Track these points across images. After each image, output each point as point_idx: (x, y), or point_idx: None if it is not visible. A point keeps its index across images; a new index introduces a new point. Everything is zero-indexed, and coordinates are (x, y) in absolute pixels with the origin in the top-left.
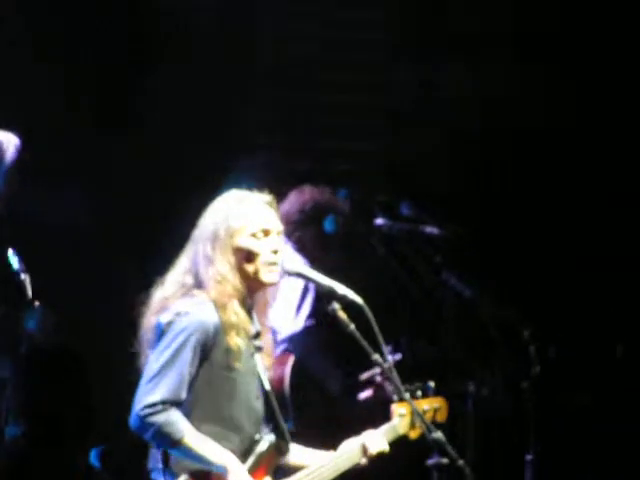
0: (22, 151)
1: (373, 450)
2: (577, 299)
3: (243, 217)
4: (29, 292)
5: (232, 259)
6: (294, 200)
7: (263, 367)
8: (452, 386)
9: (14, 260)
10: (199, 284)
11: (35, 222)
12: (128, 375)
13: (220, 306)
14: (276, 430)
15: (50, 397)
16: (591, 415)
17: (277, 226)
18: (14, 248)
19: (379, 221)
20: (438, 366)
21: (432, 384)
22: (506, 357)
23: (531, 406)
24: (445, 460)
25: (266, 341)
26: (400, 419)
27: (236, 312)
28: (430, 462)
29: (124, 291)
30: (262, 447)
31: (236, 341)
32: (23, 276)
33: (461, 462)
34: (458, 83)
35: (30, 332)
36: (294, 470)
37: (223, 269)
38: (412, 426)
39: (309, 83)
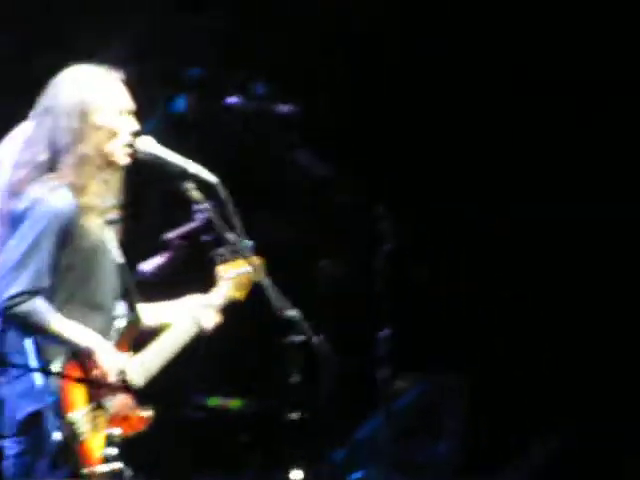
0: None
1: (208, 325)
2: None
3: (108, 92)
4: None
5: (94, 137)
6: None
7: (116, 240)
8: (304, 264)
9: None
10: (54, 164)
11: None
12: None
13: (78, 188)
14: (131, 304)
15: None
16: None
17: (133, 106)
18: None
19: (233, 100)
20: (293, 246)
21: (250, 243)
22: (359, 234)
23: (383, 282)
24: (301, 338)
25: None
26: (227, 283)
27: (95, 193)
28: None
29: None
30: (121, 323)
31: (94, 222)
32: None
33: (316, 338)
34: None
35: None
36: (149, 333)
37: (87, 149)
38: (238, 288)
39: None
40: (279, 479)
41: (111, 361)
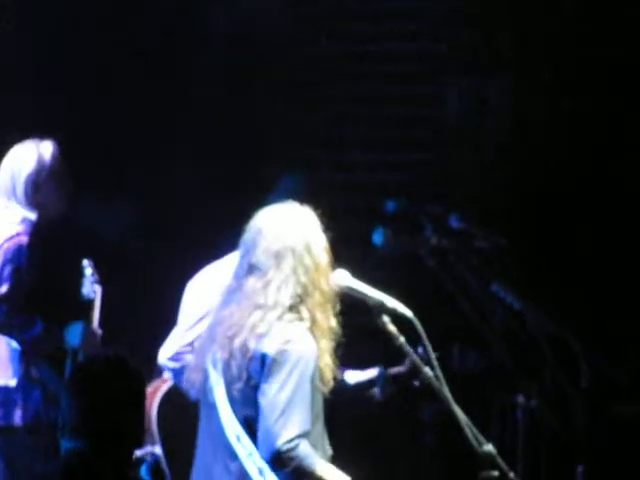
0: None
1: None
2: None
3: (319, 232)
4: (96, 304)
5: (325, 277)
6: None
7: None
8: (501, 398)
9: (88, 271)
10: (295, 305)
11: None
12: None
13: (319, 331)
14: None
15: (109, 411)
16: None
17: None
18: (89, 258)
19: (428, 233)
20: (488, 377)
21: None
22: (556, 369)
23: (581, 418)
24: (496, 473)
25: None
26: None
27: (328, 334)
28: (481, 476)
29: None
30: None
31: (326, 362)
32: (95, 287)
33: (512, 475)
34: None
35: (75, 348)
36: None
37: (327, 290)
38: None
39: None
40: None
41: None
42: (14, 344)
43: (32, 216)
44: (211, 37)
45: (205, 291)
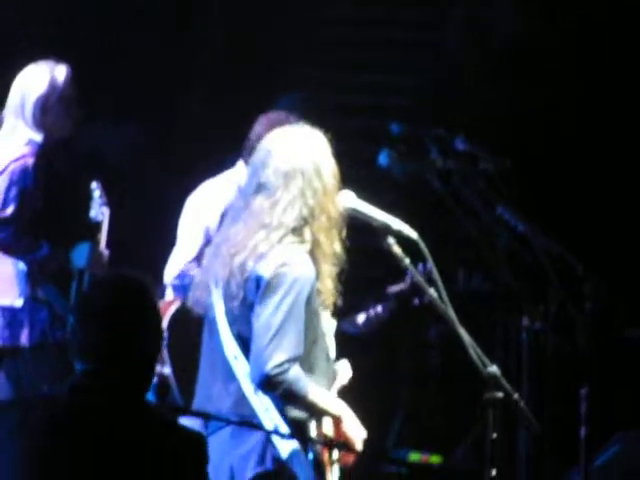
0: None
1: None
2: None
3: (329, 156)
4: (104, 227)
5: (332, 200)
6: (264, 122)
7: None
8: (506, 320)
9: (96, 193)
10: (299, 228)
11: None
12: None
13: (322, 254)
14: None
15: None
16: None
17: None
18: (97, 181)
19: (433, 155)
20: (493, 300)
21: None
22: (560, 291)
23: (585, 340)
24: (500, 394)
25: None
26: None
27: (330, 258)
28: (486, 397)
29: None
30: (335, 388)
31: (326, 286)
32: (103, 209)
33: (516, 396)
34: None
35: (81, 269)
36: None
37: (333, 214)
38: None
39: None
40: None
41: (359, 430)
42: (21, 265)
43: (38, 138)
44: None
45: (202, 207)
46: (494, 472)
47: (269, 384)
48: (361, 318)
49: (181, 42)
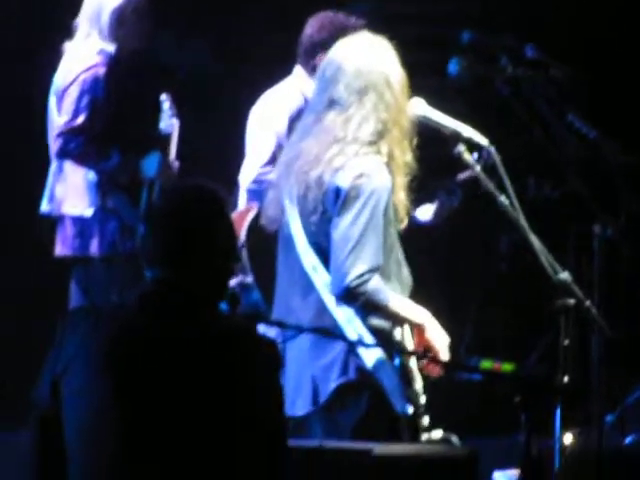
0: None
1: None
2: None
3: (398, 65)
4: (173, 138)
5: (404, 111)
6: (315, 24)
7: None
8: (578, 227)
9: (165, 105)
10: (375, 142)
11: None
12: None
13: (395, 166)
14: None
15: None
16: None
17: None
18: (167, 92)
19: (503, 63)
20: (564, 207)
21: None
22: (631, 200)
23: None
24: (572, 301)
25: None
26: None
27: (404, 169)
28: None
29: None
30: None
31: (400, 199)
32: (173, 121)
33: (588, 303)
34: None
35: (152, 179)
36: None
37: (405, 125)
38: None
39: None
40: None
41: (443, 338)
42: (90, 175)
43: (110, 48)
44: None
45: (268, 115)
46: (566, 379)
47: (350, 295)
48: (432, 208)
49: None
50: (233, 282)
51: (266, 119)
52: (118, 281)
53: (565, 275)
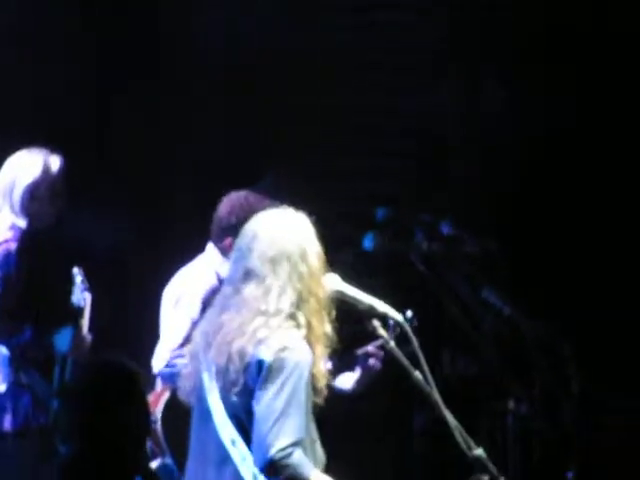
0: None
1: None
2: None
3: (314, 239)
4: (86, 312)
5: (320, 284)
6: (224, 208)
7: None
8: (492, 403)
9: (78, 279)
10: (293, 312)
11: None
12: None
13: (314, 337)
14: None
15: (107, 418)
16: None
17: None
18: (79, 266)
19: (418, 239)
20: (478, 383)
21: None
22: (546, 374)
23: (572, 423)
24: (486, 478)
25: None
26: None
27: (324, 340)
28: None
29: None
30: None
31: (320, 370)
32: (85, 295)
33: (502, 479)
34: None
35: (64, 354)
36: None
37: (321, 296)
38: None
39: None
40: None
41: None
42: (3, 350)
43: (22, 223)
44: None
45: (182, 295)
46: None
47: (273, 469)
48: (353, 376)
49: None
50: (154, 464)
51: (180, 299)
52: (31, 456)
53: (479, 451)
